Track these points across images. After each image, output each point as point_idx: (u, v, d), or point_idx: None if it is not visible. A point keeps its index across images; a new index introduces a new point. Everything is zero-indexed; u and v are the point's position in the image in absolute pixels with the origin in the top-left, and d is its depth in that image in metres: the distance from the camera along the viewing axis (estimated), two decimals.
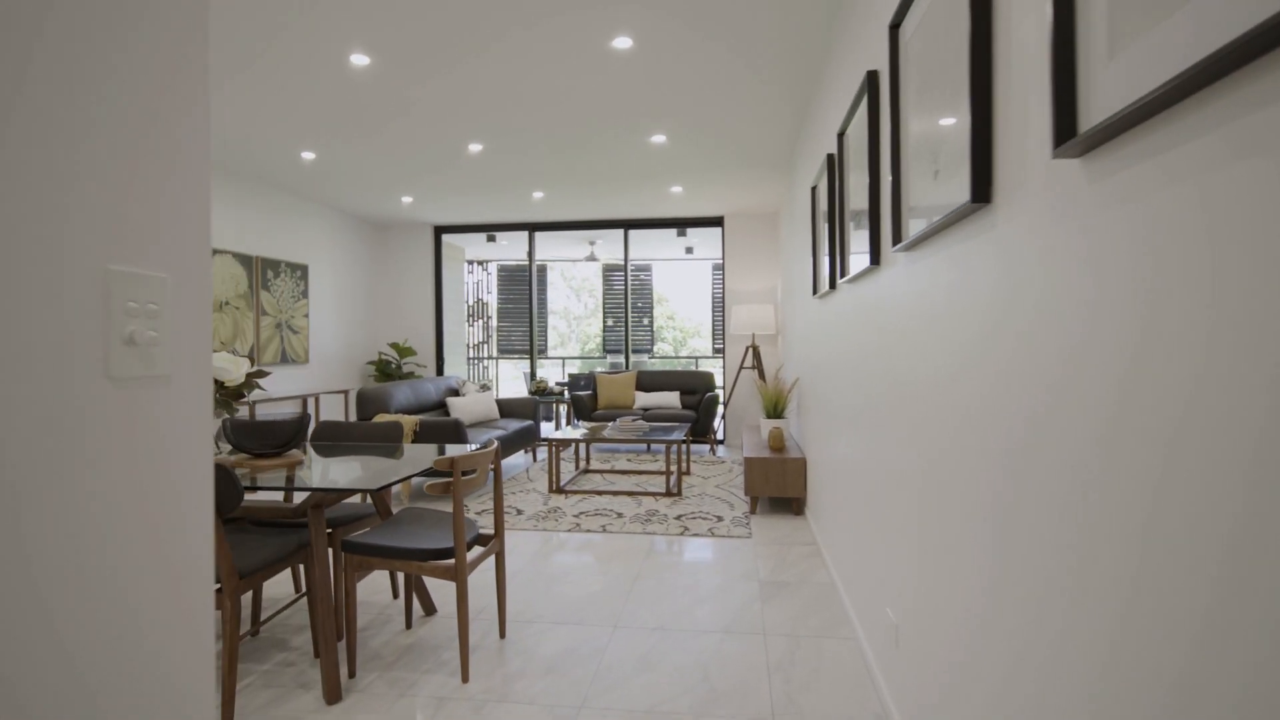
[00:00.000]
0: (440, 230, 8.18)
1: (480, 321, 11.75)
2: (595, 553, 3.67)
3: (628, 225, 7.84)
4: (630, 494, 5.03)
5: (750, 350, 7.48)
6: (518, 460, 6.59)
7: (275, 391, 6.15)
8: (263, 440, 2.46)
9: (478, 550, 3.27)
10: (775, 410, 4.89)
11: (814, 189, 3.69)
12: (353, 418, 7.23)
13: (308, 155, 5.17)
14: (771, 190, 6.40)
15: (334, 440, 3.10)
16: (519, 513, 4.54)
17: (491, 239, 9.22)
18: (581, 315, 18.67)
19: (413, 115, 4.25)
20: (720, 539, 3.91)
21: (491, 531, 2.62)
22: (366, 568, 2.30)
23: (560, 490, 5.12)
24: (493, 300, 11.83)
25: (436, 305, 8.18)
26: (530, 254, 8.12)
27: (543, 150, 5.04)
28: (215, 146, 4.92)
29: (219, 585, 2.12)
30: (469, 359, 10.93)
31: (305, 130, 4.54)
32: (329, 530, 2.64)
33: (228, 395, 2.68)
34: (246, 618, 2.79)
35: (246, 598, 2.93)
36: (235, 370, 2.54)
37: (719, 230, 8.18)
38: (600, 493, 5.06)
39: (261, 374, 2.76)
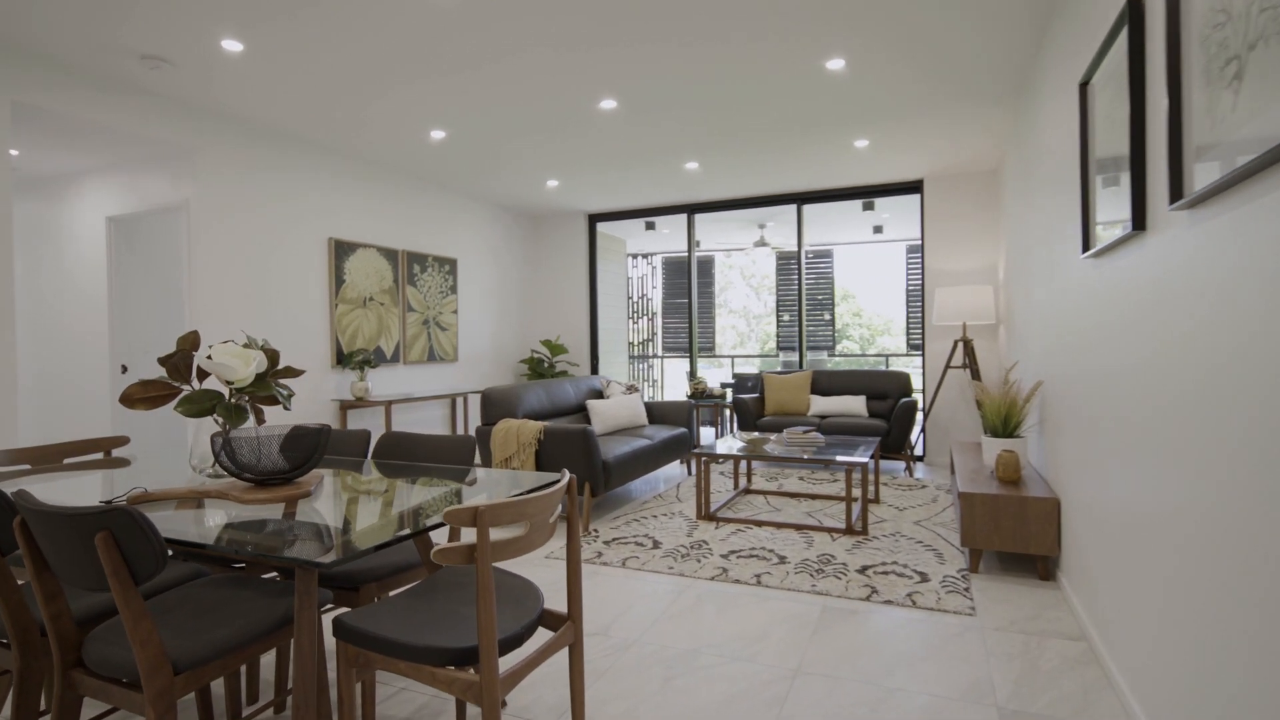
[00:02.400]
0: (594, 219, 7.60)
1: (645, 318, 11.17)
2: (742, 619, 2.67)
3: (801, 199, 6.65)
4: (799, 527, 3.93)
5: (960, 345, 5.95)
6: (671, 471, 5.74)
7: (420, 391, 5.89)
8: (266, 462, 1.81)
9: (544, 637, 2.41)
10: (1004, 427, 3.52)
11: (1085, 85, 2.36)
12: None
13: (437, 134, 4.73)
14: (990, 136, 4.89)
15: (397, 457, 2.44)
16: (655, 545, 3.65)
17: (650, 226, 8.50)
18: (761, 314, 17.66)
19: (521, 61, 3.55)
20: (927, 613, 2.71)
21: (564, 610, 1.75)
22: (367, 664, 1.53)
23: (711, 517, 4.17)
24: (657, 295, 11.18)
25: (591, 300, 7.61)
26: (689, 238, 7.24)
27: (689, 100, 4.12)
28: (350, 135, 4.65)
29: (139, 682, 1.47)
30: (631, 358, 10.37)
31: (410, 85, 4.05)
32: (354, 589, 1.93)
33: (258, 399, 2.09)
34: (270, 685, 2.19)
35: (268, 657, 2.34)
36: (242, 368, 1.92)
37: (916, 198, 6.70)
38: (760, 523, 4.03)
39: (290, 372, 2.14)
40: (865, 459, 3.84)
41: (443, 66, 3.59)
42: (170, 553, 1.74)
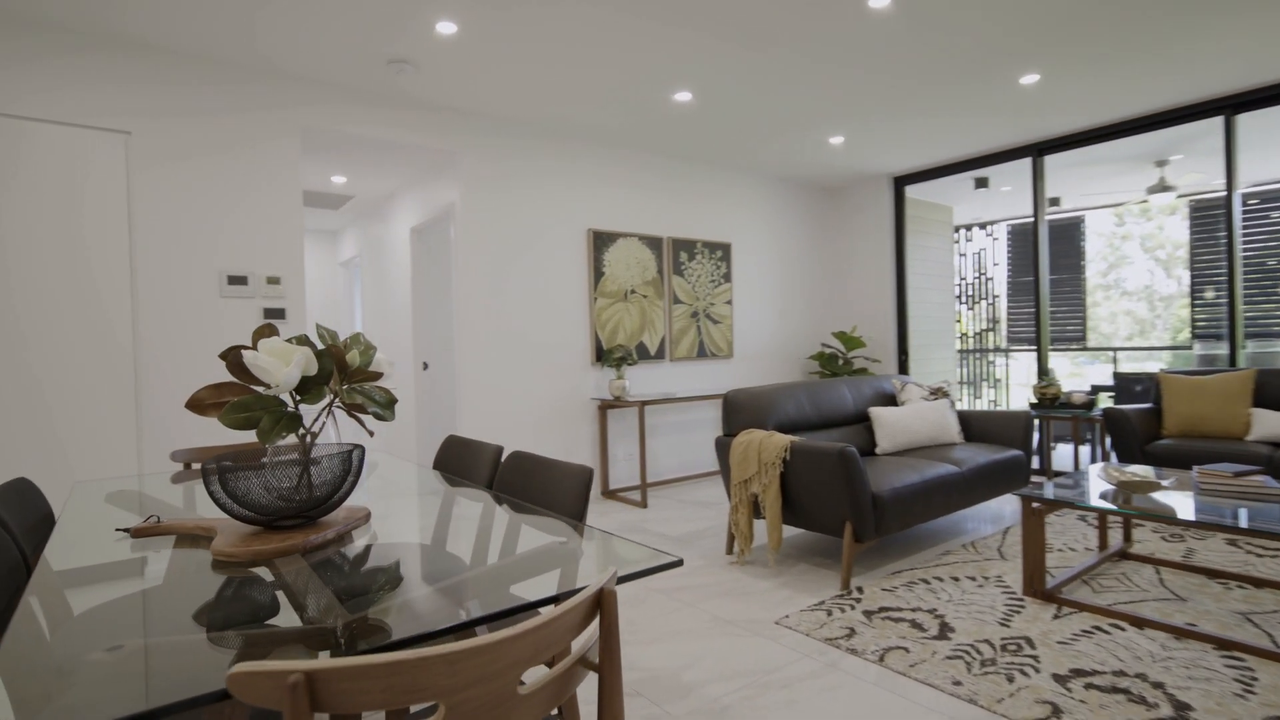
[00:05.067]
0: (900, 181, 6.18)
1: (985, 302, 9.05)
2: None
3: (1231, 106, 4.34)
4: (1222, 644, 2.27)
5: None
6: (999, 508, 4.19)
7: (684, 390, 5.36)
8: (259, 496, 1.33)
9: None
10: None
11: None
12: None
13: (681, 96, 4.10)
14: None
15: (512, 487, 1.82)
16: (941, 634, 2.43)
17: (981, 184, 6.66)
18: (1173, 295, 13.40)
19: None
20: None
21: None
22: None
23: (1047, 595, 2.71)
24: (1000, 274, 8.95)
25: (898, 282, 6.22)
26: (1035, 192, 5.36)
27: None
28: (587, 113, 4.31)
29: None
30: (963, 352, 8.47)
31: (640, 36, 3.44)
32: None
33: (352, 407, 1.67)
34: None
35: None
36: (279, 369, 1.49)
37: None
38: (1140, 621, 2.45)
39: (365, 374, 1.66)
40: None
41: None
42: None
